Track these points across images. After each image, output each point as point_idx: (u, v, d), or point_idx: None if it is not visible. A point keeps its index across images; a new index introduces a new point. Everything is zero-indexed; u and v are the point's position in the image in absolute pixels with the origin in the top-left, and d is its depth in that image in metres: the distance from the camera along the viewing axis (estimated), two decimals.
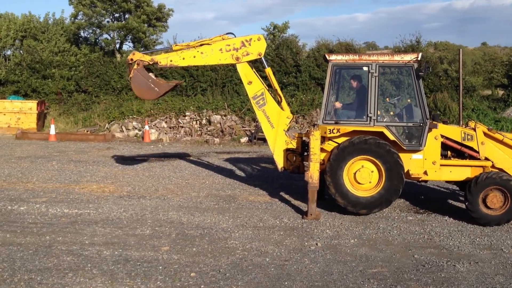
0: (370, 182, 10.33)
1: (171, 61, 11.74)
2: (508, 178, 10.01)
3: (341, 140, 10.47)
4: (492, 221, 9.90)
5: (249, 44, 11.59)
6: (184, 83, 13.15)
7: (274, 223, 9.90)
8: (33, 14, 33.43)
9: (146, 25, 33.47)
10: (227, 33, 11.94)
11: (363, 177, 10.31)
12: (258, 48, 11.63)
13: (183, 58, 11.72)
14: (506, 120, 23.73)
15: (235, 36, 11.84)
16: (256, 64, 13.47)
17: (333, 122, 10.62)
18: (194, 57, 11.68)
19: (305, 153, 11.45)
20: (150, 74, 12.02)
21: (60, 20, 33.50)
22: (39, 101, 26.24)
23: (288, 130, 11.77)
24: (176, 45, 12.24)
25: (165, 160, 17.53)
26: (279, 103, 11.71)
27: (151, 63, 11.85)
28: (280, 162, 11.55)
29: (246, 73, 11.69)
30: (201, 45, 11.85)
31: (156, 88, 11.84)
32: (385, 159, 10.17)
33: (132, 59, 11.92)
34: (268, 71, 11.85)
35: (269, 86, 11.97)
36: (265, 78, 11.93)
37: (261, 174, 15.11)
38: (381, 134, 10.31)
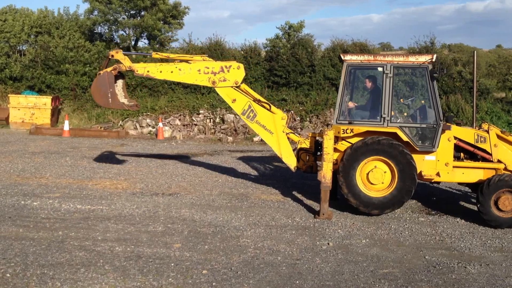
0: (382, 183, 10.33)
1: (148, 71, 11.83)
2: None
3: (354, 140, 10.48)
4: (504, 223, 9.88)
5: (228, 71, 11.60)
6: (139, 108, 13.13)
7: (286, 222, 9.93)
8: (49, 9, 33.60)
9: (161, 22, 33.48)
10: (207, 55, 12.10)
11: (375, 177, 10.31)
12: (235, 76, 11.62)
13: (161, 71, 11.80)
14: None
15: (213, 60, 11.94)
16: None
17: (346, 122, 10.63)
18: (172, 72, 11.75)
19: (318, 153, 11.46)
20: (119, 81, 12.14)
21: (74, 15, 33.59)
22: (53, 96, 26.30)
23: (294, 130, 11.72)
24: (156, 53, 12.40)
25: (178, 157, 17.58)
26: (268, 110, 11.69)
27: (128, 69, 11.93)
28: (291, 163, 11.52)
29: (227, 93, 11.73)
30: (181, 61, 11.93)
31: (110, 100, 11.88)
32: (398, 160, 10.16)
33: (112, 56, 11.98)
34: (244, 86, 11.85)
35: (255, 100, 11.80)
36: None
37: (273, 173, 15.13)
38: (394, 135, 10.30)
